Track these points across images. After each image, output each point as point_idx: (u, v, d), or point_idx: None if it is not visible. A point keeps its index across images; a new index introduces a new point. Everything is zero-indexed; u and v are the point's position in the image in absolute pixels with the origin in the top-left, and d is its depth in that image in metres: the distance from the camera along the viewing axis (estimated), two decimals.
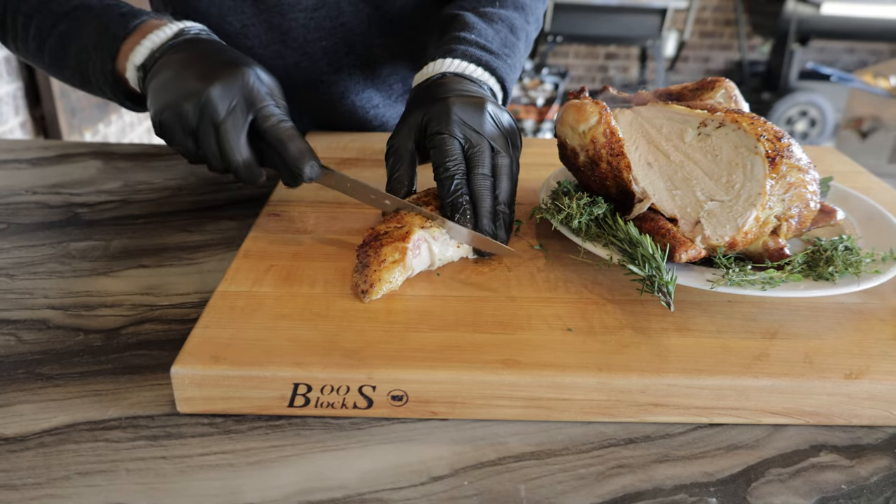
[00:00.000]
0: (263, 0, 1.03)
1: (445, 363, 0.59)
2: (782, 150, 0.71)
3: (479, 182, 0.75)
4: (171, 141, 0.76)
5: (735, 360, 0.61)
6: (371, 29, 1.10)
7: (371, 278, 0.68)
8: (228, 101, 0.72)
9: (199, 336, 0.61)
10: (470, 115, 0.77)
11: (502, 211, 0.75)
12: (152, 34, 0.79)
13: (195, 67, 0.74)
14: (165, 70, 0.75)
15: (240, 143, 0.73)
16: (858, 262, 0.70)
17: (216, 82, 0.72)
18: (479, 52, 0.89)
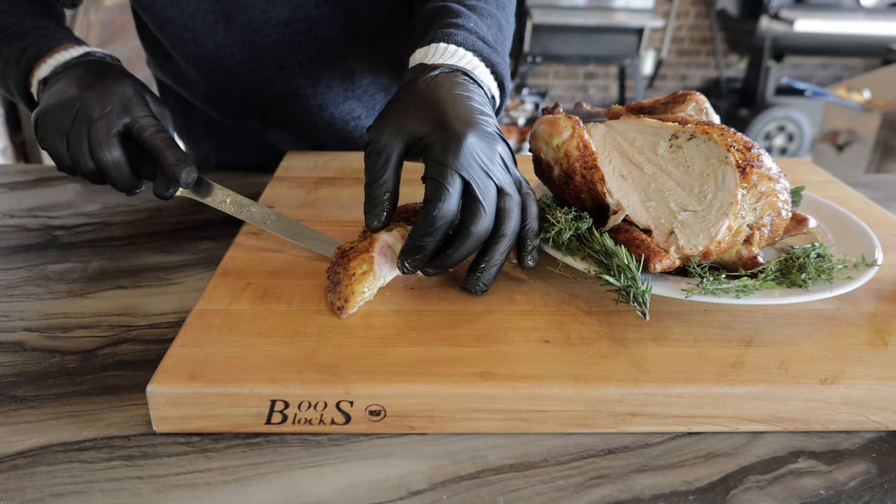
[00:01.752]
0: (235, 19, 1.03)
1: (423, 377, 0.59)
2: (752, 159, 0.71)
3: (472, 240, 0.67)
4: (43, 140, 0.80)
5: (711, 369, 0.61)
6: (346, 39, 1.10)
7: (344, 293, 0.68)
8: (103, 106, 0.77)
9: (176, 355, 0.61)
10: (481, 152, 0.67)
11: (490, 267, 0.70)
12: (59, 54, 0.86)
13: (81, 80, 0.80)
14: (58, 83, 0.81)
15: (111, 141, 0.77)
16: (831, 269, 0.71)
17: (94, 89, 0.78)
18: (479, 44, 0.83)
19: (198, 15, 1.02)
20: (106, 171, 0.78)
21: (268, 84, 1.10)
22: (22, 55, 0.88)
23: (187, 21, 1.02)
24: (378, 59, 1.15)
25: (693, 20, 6.32)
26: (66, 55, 0.86)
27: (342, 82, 1.14)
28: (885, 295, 0.75)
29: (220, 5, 1.02)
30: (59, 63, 0.85)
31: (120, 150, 0.78)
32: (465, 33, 0.82)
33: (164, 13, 1.01)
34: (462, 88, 0.73)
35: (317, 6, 1.05)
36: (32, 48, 0.87)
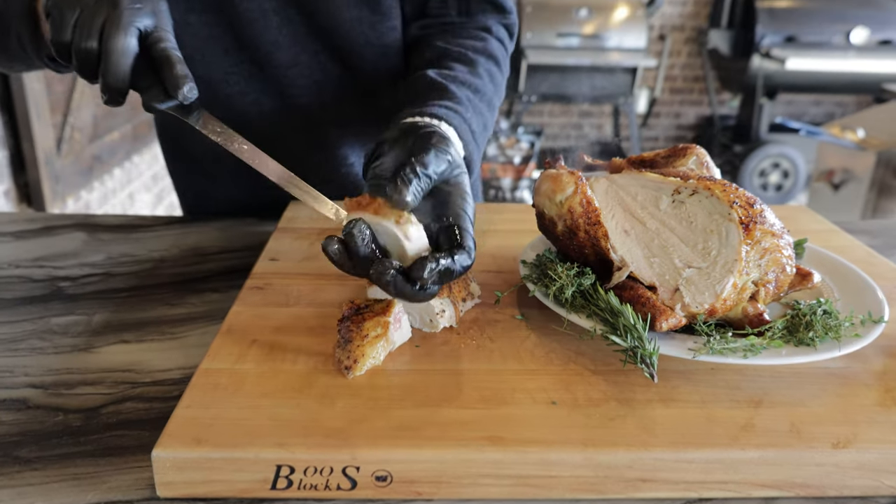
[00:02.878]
0: (243, 51, 1.07)
1: (430, 441, 0.58)
2: (755, 216, 0.72)
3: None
4: (53, 3, 0.75)
5: (721, 432, 0.61)
6: (344, 89, 1.13)
7: (354, 354, 0.68)
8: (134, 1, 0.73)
9: (181, 417, 0.60)
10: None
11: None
12: None
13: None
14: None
15: (129, 29, 0.72)
16: (838, 327, 0.71)
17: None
18: (468, 135, 0.88)
19: (210, 41, 1.06)
20: (108, 55, 0.71)
21: (267, 115, 1.13)
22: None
23: (198, 45, 1.06)
24: (374, 110, 1.16)
25: (685, 59, 6.39)
26: None
27: (338, 128, 1.17)
28: (893, 351, 0.74)
29: (229, 38, 1.06)
30: None
31: (135, 41, 0.72)
32: (460, 120, 0.87)
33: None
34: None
35: (315, 53, 1.09)
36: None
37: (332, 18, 1.07)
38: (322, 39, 1.09)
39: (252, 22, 1.05)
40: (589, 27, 5.44)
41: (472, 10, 1.11)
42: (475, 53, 1.04)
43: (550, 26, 5.37)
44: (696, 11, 6.29)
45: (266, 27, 1.05)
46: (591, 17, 5.45)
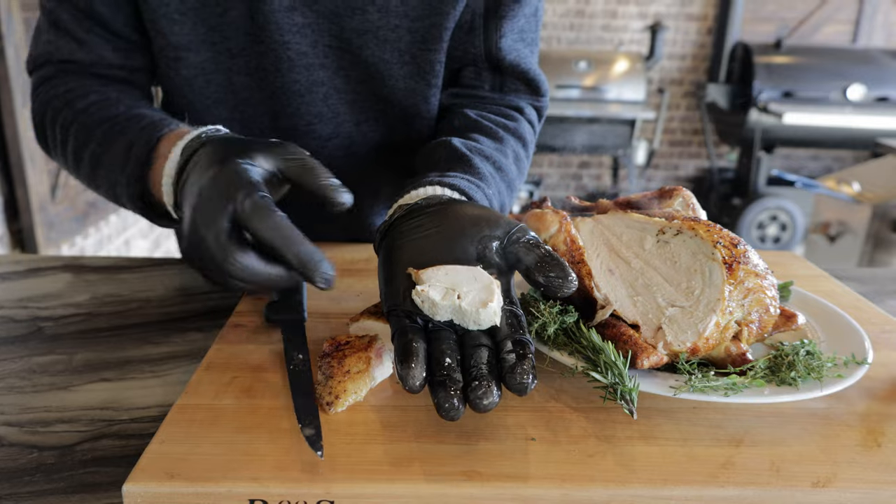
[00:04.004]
0: (281, 122, 1.06)
1: (405, 476, 0.58)
2: (739, 256, 0.72)
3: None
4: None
5: (701, 469, 0.60)
6: (378, 154, 1.12)
7: (336, 390, 0.67)
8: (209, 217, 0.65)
9: (155, 451, 0.60)
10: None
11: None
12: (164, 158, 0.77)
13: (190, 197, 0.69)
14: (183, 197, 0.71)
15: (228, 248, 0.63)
16: (821, 367, 0.70)
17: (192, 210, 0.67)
18: (483, 202, 0.84)
19: (248, 110, 1.06)
20: (242, 279, 0.64)
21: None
22: (126, 160, 0.83)
23: (234, 116, 1.06)
24: (403, 171, 1.15)
25: (684, 112, 6.47)
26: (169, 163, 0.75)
27: (367, 192, 1.16)
28: (877, 394, 0.74)
29: (270, 104, 1.05)
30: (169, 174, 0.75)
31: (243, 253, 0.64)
32: (482, 196, 0.85)
33: (209, 101, 1.04)
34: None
35: (357, 124, 1.09)
36: (137, 150, 0.82)
37: (386, 88, 1.05)
38: (369, 110, 1.08)
39: (297, 95, 1.03)
40: (588, 79, 5.52)
41: (506, 87, 1.10)
42: (505, 131, 1.03)
43: (550, 78, 5.44)
44: (694, 66, 6.38)
45: (311, 100, 1.04)
46: (591, 70, 5.53)
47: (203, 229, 0.63)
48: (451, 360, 0.60)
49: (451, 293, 0.63)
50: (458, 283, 0.64)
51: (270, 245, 0.63)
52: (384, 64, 1.02)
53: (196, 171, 0.69)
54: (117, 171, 0.84)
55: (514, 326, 0.64)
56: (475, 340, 0.63)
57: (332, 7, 0.97)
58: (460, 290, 0.63)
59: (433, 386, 0.59)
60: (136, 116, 0.87)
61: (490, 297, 0.63)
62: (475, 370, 0.60)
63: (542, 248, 0.67)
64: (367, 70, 1.03)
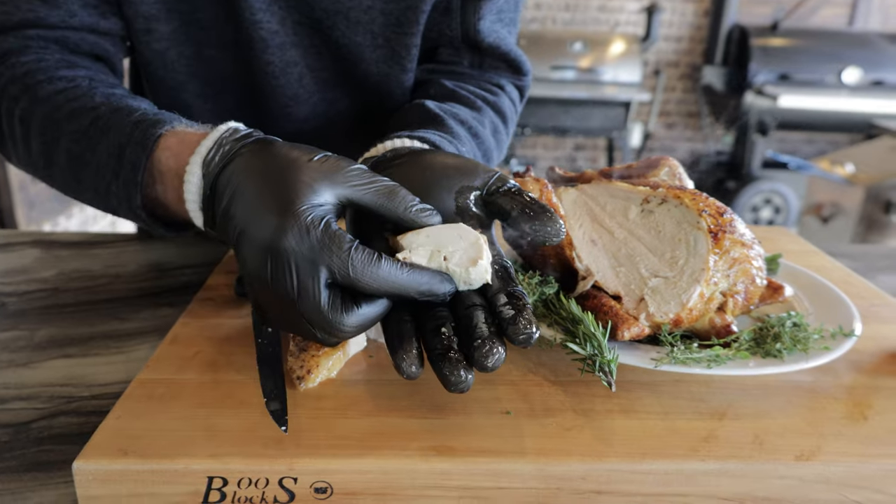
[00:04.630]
0: (256, 103, 1.02)
1: (373, 451, 0.55)
2: (725, 225, 0.69)
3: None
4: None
5: (681, 443, 0.57)
6: (354, 127, 1.08)
7: (308, 364, 0.65)
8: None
9: (110, 427, 0.57)
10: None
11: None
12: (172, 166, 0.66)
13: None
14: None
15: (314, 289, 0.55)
16: (807, 339, 0.68)
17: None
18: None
19: (221, 86, 1.01)
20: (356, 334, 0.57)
21: None
22: (119, 164, 0.69)
23: (208, 92, 1.01)
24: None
25: (680, 94, 6.43)
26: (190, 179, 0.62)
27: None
28: (864, 367, 0.71)
29: (245, 82, 1.00)
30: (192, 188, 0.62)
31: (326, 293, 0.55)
32: (454, 150, 0.80)
33: (182, 77, 0.99)
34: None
35: (333, 102, 1.04)
36: (131, 154, 0.68)
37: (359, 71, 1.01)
38: (344, 91, 1.04)
39: (272, 76, 0.98)
40: (584, 61, 5.47)
41: (486, 64, 1.05)
42: (483, 103, 0.98)
43: (545, 59, 5.39)
44: (690, 48, 6.34)
45: (287, 82, 0.99)
46: (587, 51, 5.48)
47: (294, 305, 0.54)
48: (447, 330, 0.56)
49: (437, 255, 0.58)
50: (443, 243, 0.58)
51: (388, 295, 0.56)
52: (356, 46, 0.98)
53: (246, 214, 0.56)
54: (108, 177, 0.70)
55: (505, 279, 0.59)
56: (467, 301, 0.58)
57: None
58: (446, 252, 0.58)
59: (434, 361, 0.55)
60: (121, 109, 0.72)
61: (479, 253, 0.58)
62: (474, 331, 0.55)
63: (525, 195, 0.63)
64: (339, 52, 0.99)
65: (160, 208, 0.70)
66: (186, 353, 0.69)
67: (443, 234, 0.59)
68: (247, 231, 0.56)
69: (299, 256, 0.53)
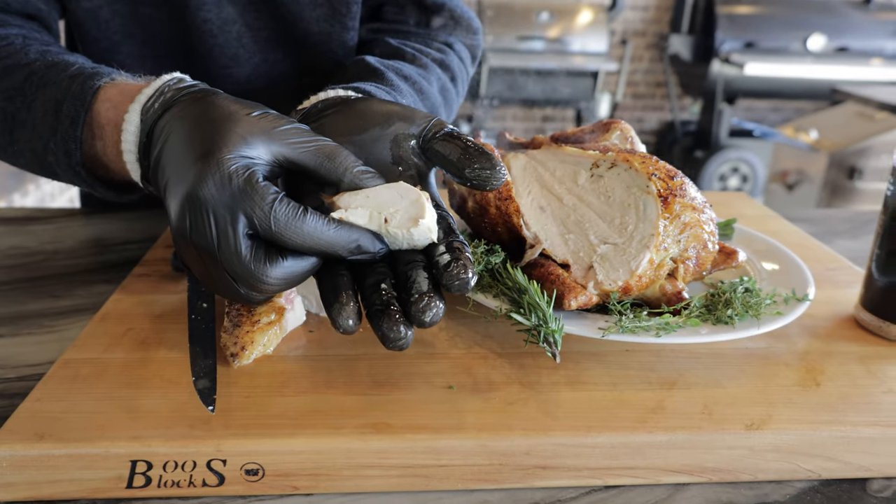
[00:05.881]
0: (195, 64, 0.97)
1: (305, 430, 0.53)
2: (675, 188, 0.67)
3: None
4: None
5: (629, 415, 0.56)
6: (296, 88, 1.02)
7: (242, 340, 0.62)
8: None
9: (27, 410, 0.54)
10: None
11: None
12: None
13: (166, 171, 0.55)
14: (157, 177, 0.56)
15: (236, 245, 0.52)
16: (759, 305, 0.66)
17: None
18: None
19: (159, 47, 0.96)
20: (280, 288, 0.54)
21: None
22: (55, 119, 0.66)
23: (145, 53, 0.96)
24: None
25: (647, 64, 6.41)
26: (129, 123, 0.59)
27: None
28: (818, 331, 0.70)
29: (182, 42, 0.95)
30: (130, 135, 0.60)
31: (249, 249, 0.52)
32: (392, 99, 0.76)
33: (117, 37, 0.94)
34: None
35: (275, 63, 1.00)
36: (68, 106, 0.65)
37: (298, 30, 0.97)
38: (285, 50, 1.00)
39: (209, 34, 0.94)
40: (551, 31, 5.43)
41: (433, 22, 1.01)
42: (430, 60, 0.94)
43: (512, 30, 5.34)
44: (657, 17, 6.31)
45: (226, 41, 0.95)
46: (553, 21, 5.44)
47: (214, 254, 0.52)
48: (387, 286, 0.53)
49: (377, 216, 0.54)
50: (383, 203, 0.55)
51: (313, 252, 0.53)
52: (295, 4, 0.94)
53: (170, 158, 0.54)
54: (45, 135, 0.67)
55: (446, 231, 0.56)
56: (406, 258, 0.55)
57: None
58: (386, 213, 0.54)
59: (373, 317, 0.52)
60: (57, 64, 0.70)
61: (421, 212, 0.54)
62: (413, 286, 0.52)
63: (463, 138, 0.60)
64: (277, 10, 0.95)
65: (100, 168, 0.67)
66: (117, 331, 0.66)
67: (382, 195, 0.55)
68: (171, 179, 0.53)
69: (218, 204, 0.51)
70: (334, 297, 0.52)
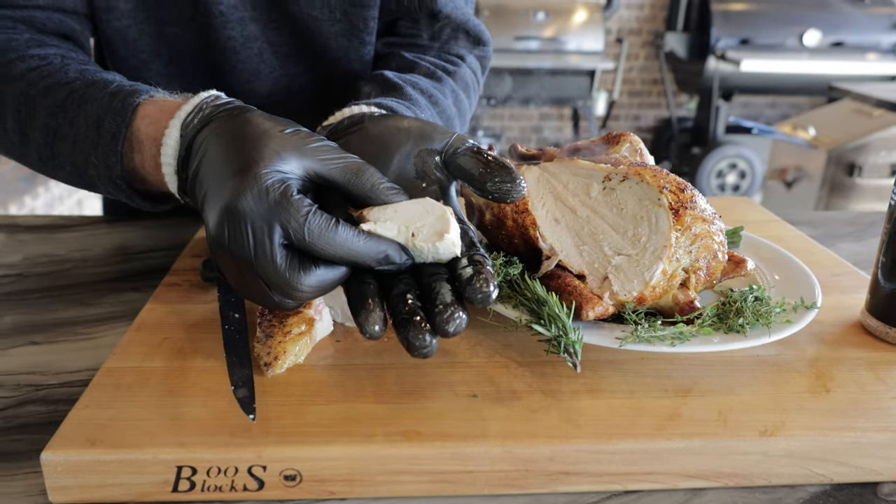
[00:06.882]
0: (218, 80, 1.00)
1: (342, 437, 0.55)
2: (685, 201, 0.70)
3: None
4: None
5: (647, 422, 0.58)
6: (315, 101, 1.08)
7: (275, 350, 0.65)
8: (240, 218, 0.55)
9: (77, 417, 0.57)
10: None
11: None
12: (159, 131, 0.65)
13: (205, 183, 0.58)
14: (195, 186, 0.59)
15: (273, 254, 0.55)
16: (769, 313, 0.69)
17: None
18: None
19: (184, 64, 1.00)
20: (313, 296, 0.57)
21: None
22: (98, 134, 0.69)
23: (171, 70, 1.00)
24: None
25: (643, 62, 6.44)
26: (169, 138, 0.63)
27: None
28: (826, 338, 0.73)
29: (206, 59, 0.99)
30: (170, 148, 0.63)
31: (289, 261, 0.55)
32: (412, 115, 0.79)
33: (144, 55, 0.97)
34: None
35: (294, 78, 1.04)
36: (110, 122, 0.69)
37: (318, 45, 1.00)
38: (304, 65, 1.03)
39: (232, 51, 0.97)
40: (547, 30, 5.46)
41: (445, 36, 1.04)
42: (444, 73, 0.98)
43: (508, 30, 5.36)
44: (652, 15, 6.34)
45: (247, 57, 0.99)
46: (549, 21, 5.46)
47: (250, 263, 0.54)
48: (412, 296, 0.56)
49: (405, 230, 0.57)
50: (410, 218, 0.58)
51: (343, 262, 0.56)
52: (314, 21, 0.97)
53: (208, 171, 0.57)
54: (86, 149, 0.70)
55: (468, 245, 0.59)
56: (430, 270, 0.58)
57: None
58: (413, 227, 0.57)
59: (399, 326, 0.54)
60: (97, 82, 0.73)
61: (446, 227, 0.57)
62: (437, 297, 0.55)
63: (485, 153, 0.63)
64: (297, 26, 0.98)
65: (138, 180, 0.71)
66: (153, 340, 0.68)
67: (409, 210, 0.59)
68: (209, 192, 0.56)
69: (256, 216, 0.54)
70: (361, 304, 0.55)
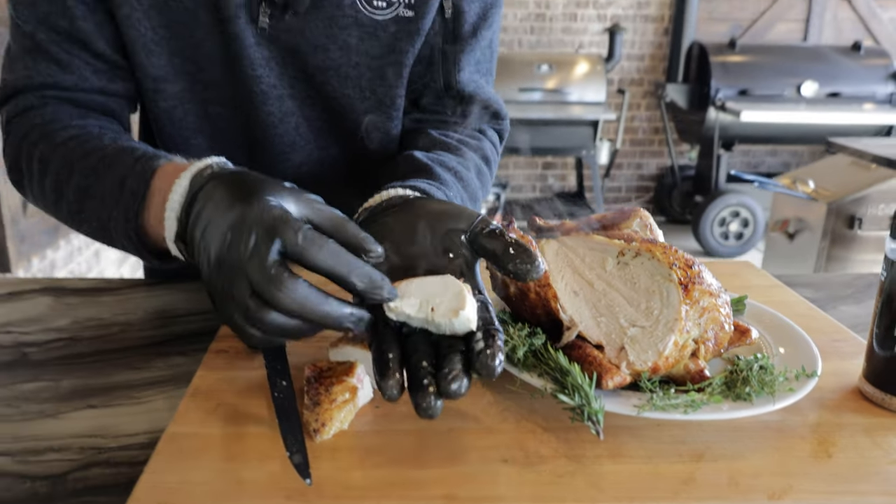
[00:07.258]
0: (256, 152, 1.09)
1: (390, 500, 0.61)
2: (693, 276, 0.76)
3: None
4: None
5: (664, 486, 0.64)
6: (345, 175, 1.16)
7: (322, 417, 0.70)
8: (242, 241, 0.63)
9: (148, 482, 0.62)
10: None
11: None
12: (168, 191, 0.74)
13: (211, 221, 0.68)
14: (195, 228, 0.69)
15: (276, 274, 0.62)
16: (773, 382, 0.75)
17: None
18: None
19: (225, 140, 1.09)
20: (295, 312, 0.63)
21: None
22: (120, 193, 0.81)
23: (214, 145, 1.09)
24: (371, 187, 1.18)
25: (645, 112, 6.57)
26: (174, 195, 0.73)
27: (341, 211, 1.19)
28: (827, 403, 0.79)
29: (246, 134, 1.08)
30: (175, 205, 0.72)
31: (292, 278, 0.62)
32: (443, 196, 0.89)
33: (189, 132, 1.07)
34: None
35: (325, 148, 1.13)
36: (132, 183, 0.80)
37: (349, 121, 1.09)
38: (336, 137, 1.12)
39: (271, 126, 1.07)
40: (550, 82, 5.59)
41: (468, 112, 1.14)
42: (467, 148, 1.08)
43: (513, 81, 5.50)
44: (652, 66, 6.48)
45: (285, 131, 1.08)
46: (553, 73, 5.60)
47: (242, 265, 0.62)
48: (427, 364, 0.63)
49: (426, 305, 0.65)
50: (431, 294, 0.66)
51: (331, 273, 0.63)
52: (346, 99, 1.07)
53: (213, 208, 0.66)
54: (110, 206, 0.82)
55: (485, 320, 0.66)
56: (448, 340, 0.65)
57: (294, 45, 1.00)
58: (433, 303, 0.65)
59: (411, 389, 0.62)
60: (126, 149, 0.86)
61: (461, 304, 0.64)
62: (448, 366, 0.62)
63: (506, 236, 0.72)
64: (330, 103, 1.07)
65: (145, 235, 0.82)
66: (208, 406, 0.74)
67: (430, 286, 0.67)
68: (213, 220, 0.66)
69: (259, 227, 0.62)
70: (385, 371, 0.63)
